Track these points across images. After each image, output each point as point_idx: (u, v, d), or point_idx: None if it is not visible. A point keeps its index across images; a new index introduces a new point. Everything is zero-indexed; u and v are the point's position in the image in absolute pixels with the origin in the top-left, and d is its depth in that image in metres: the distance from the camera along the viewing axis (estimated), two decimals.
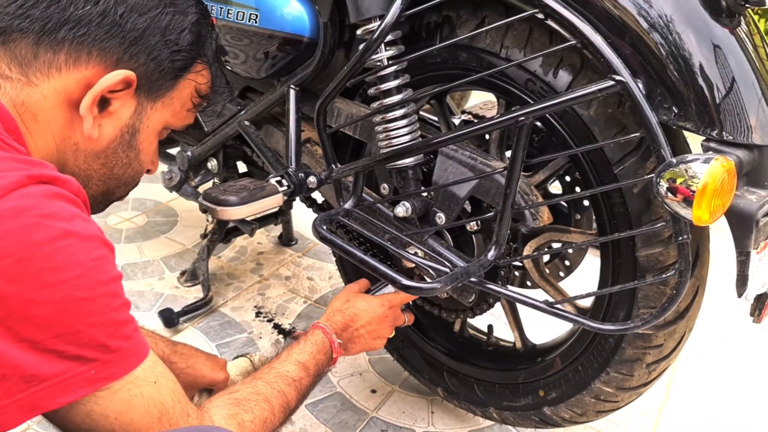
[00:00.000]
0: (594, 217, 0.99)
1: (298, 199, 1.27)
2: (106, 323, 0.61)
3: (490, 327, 1.31)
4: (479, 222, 1.06)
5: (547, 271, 1.15)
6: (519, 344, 1.22)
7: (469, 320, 1.30)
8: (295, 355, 0.90)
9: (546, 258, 1.17)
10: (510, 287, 1.08)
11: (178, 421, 0.69)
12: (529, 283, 1.20)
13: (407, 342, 1.35)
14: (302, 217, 1.99)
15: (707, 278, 0.97)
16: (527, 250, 1.08)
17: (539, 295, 1.03)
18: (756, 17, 2.89)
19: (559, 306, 0.95)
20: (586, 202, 1.09)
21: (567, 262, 1.16)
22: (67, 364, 0.59)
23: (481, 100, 1.59)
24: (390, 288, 1.10)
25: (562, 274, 1.18)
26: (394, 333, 1.09)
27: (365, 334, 1.03)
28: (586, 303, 1.08)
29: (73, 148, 0.72)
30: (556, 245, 1.12)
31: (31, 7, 0.68)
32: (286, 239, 1.99)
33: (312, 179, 1.13)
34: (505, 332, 1.37)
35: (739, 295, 0.81)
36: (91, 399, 0.62)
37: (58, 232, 0.58)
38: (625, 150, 0.88)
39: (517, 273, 1.20)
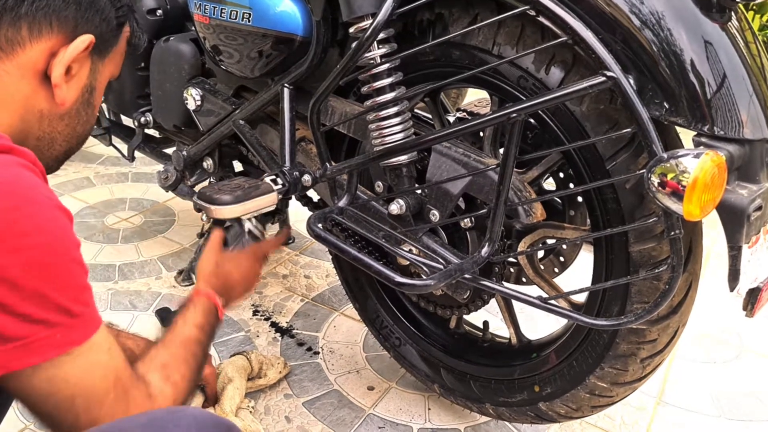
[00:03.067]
0: (587, 213, 1.00)
1: (293, 197, 1.27)
2: (71, 288, 0.64)
3: (485, 323, 1.31)
4: (473, 219, 1.07)
5: (542, 267, 1.15)
6: (514, 340, 1.23)
7: (464, 317, 1.31)
8: (191, 320, 0.93)
9: (540, 254, 1.17)
10: (505, 284, 1.09)
11: (130, 387, 0.72)
12: (524, 280, 1.20)
13: (404, 339, 1.35)
14: (300, 216, 2.00)
15: (700, 273, 0.97)
16: (521, 247, 1.08)
17: (534, 291, 1.04)
18: (751, 13, 2.88)
19: (553, 302, 0.95)
20: (579, 199, 1.10)
21: (561, 258, 1.16)
22: (33, 327, 0.61)
23: (477, 98, 1.59)
24: (246, 238, 1.19)
25: (556, 270, 1.18)
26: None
27: (240, 287, 1.08)
28: (581, 298, 1.09)
29: (37, 116, 0.75)
30: (550, 242, 1.13)
31: None
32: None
33: (307, 177, 1.13)
34: (500, 328, 1.38)
35: (731, 289, 0.81)
36: (53, 363, 0.64)
37: (23, 199, 0.61)
38: (617, 146, 0.89)
39: (512, 269, 1.21)
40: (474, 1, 0.97)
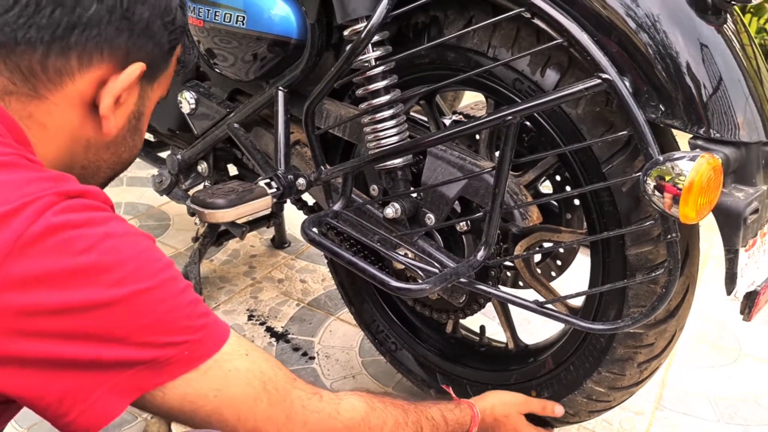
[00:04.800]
0: (584, 216, 0.99)
1: (288, 201, 1.26)
2: (180, 306, 0.62)
3: (482, 328, 1.30)
4: (469, 222, 1.06)
5: (539, 271, 1.14)
6: (511, 345, 1.22)
7: (461, 321, 1.30)
8: (443, 408, 0.91)
9: (537, 258, 1.17)
10: (501, 287, 1.08)
11: (286, 386, 0.70)
12: (521, 284, 1.20)
13: (400, 344, 1.34)
14: (295, 220, 1.99)
15: (698, 276, 0.97)
16: (518, 250, 1.08)
17: (530, 295, 1.03)
18: (747, 16, 2.89)
19: (549, 306, 0.94)
20: (576, 202, 1.09)
21: (558, 262, 1.16)
22: (158, 351, 0.60)
23: (473, 101, 1.58)
24: None
25: (553, 273, 1.17)
26: None
27: None
28: (578, 302, 1.08)
29: (84, 145, 0.71)
30: (547, 245, 1.12)
31: (34, 14, 0.63)
32: (279, 242, 1.98)
33: (301, 181, 1.12)
34: (497, 333, 1.37)
35: (729, 292, 0.81)
36: (183, 381, 0.62)
37: (98, 236, 0.58)
38: (613, 149, 0.88)
39: (509, 273, 1.20)
40: (469, 3, 0.97)
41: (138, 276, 0.59)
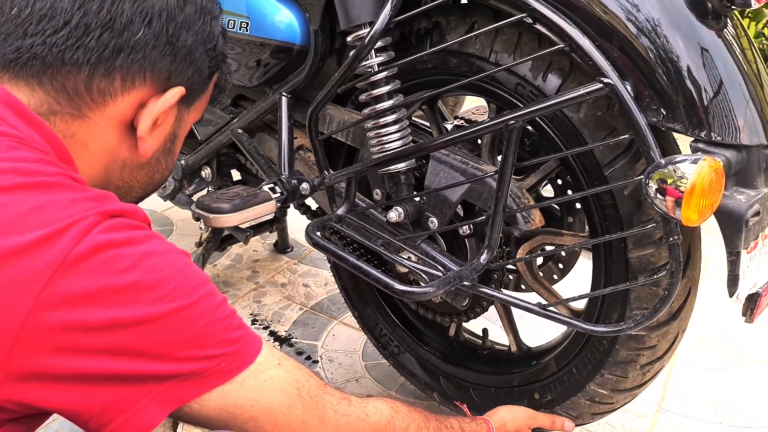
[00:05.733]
0: (586, 219, 1.00)
1: (292, 205, 1.27)
2: (218, 320, 0.64)
3: (485, 331, 1.31)
4: (472, 226, 1.07)
5: (541, 274, 1.15)
6: (514, 348, 1.23)
7: (464, 324, 1.30)
8: (461, 421, 0.93)
9: (540, 261, 1.17)
10: (504, 291, 1.09)
11: (317, 391, 0.72)
12: (523, 287, 1.20)
13: (403, 347, 1.35)
14: (298, 224, 1.99)
15: (699, 279, 0.97)
16: (520, 254, 1.08)
17: (533, 298, 1.04)
18: (746, 20, 2.90)
19: (552, 308, 0.95)
20: (578, 205, 1.10)
21: (560, 265, 1.16)
22: (198, 364, 0.62)
23: (474, 106, 1.59)
24: None
25: (556, 276, 1.18)
26: None
27: None
28: (580, 305, 1.08)
29: (119, 165, 0.73)
30: (549, 249, 1.13)
31: (83, 36, 0.64)
32: (282, 246, 1.99)
33: (305, 186, 1.13)
34: (499, 336, 1.37)
35: (731, 294, 0.81)
36: (220, 392, 0.64)
37: (139, 254, 0.60)
38: (615, 152, 0.89)
39: (511, 276, 1.21)
40: (471, 9, 0.98)
41: (178, 293, 0.61)
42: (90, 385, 0.58)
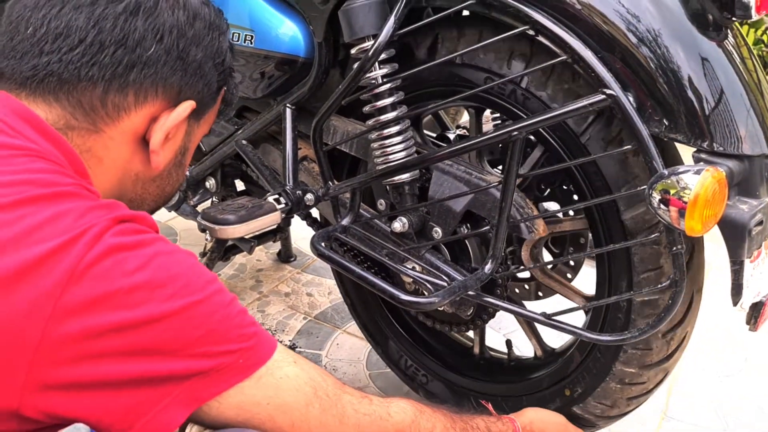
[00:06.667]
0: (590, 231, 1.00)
1: (296, 216, 1.27)
2: (231, 316, 0.64)
3: (508, 343, 1.29)
4: (475, 233, 1.06)
5: (555, 274, 1.14)
6: (539, 352, 1.21)
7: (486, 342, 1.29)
8: (486, 420, 0.92)
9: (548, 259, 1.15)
10: (506, 299, 1.08)
11: (335, 390, 0.72)
12: (541, 294, 1.18)
13: (431, 376, 1.33)
14: (301, 234, 2.00)
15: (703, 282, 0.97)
16: (524, 251, 1.07)
17: (538, 307, 1.04)
18: (745, 27, 2.90)
19: (556, 318, 0.95)
20: (575, 196, 1.07)
21: (571, 262, 1.15)
22: (215, 360, 0.62)
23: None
24: None
25: (569, 275, 1.16)
26: None
27: None
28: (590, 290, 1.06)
29: (132, 179, 0.75)
30: (554, 249, 1.12)
31: (97, 53, 0.66)
32: (285, 256, 1.99)
33: (309, 196, 1.14)
34: (497, 344, 1.37)
35: (735, 304, 0.82)
36: (238, 390, 0.64)
37: (148, 255, 0.61)
38: (587, 120, 0.89)
39: (527, 286, 1.19)
40: (474, 22, 0.99)
41: (189, 289, 0.62)
42: (111, 390, 0.59)
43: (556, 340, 1.26)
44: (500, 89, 0.96)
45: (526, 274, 1.16)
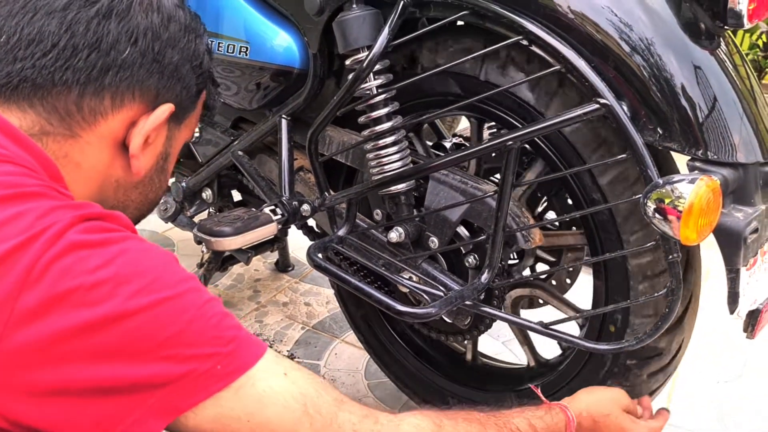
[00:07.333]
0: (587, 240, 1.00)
1: (293, 226, 1.27)
2: (205, 316, 0.60)
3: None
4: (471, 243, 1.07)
5: (554, 282, 1.14)
6: (532, 363, 1.20)
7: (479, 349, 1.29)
8: (530, 416, 0.84)
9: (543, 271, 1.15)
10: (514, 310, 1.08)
11: (331, 408, 0.65)
12: (540, 301, 1.18)
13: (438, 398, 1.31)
14: (299, 243, 2.00)
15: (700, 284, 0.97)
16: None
17: (534, 316, 1.04)
18: (741, 32, 2.91)
19: (553, 327, 0.95)
20: (569, 201, 1.07)
21: (570, 268, 1.14)
22: (188, 365, 0.58)
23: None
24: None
25: (568, 281, 1.16)
26: None
27: None
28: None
29: (113, 186, 0.73)
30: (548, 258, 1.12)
31: (71, 57, 0.65)
32: (283, 265, 1.99)
33: (306, 207, 1.14)
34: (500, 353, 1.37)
35: (731, 312, 0.82)
36: (215, 401, 0.59)
37: (114, 253, 0.58)
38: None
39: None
40: (467, 32, 0.99)
41: (157, 285, 0.58)
42: (77, 399, 0.56)
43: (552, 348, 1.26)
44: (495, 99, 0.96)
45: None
